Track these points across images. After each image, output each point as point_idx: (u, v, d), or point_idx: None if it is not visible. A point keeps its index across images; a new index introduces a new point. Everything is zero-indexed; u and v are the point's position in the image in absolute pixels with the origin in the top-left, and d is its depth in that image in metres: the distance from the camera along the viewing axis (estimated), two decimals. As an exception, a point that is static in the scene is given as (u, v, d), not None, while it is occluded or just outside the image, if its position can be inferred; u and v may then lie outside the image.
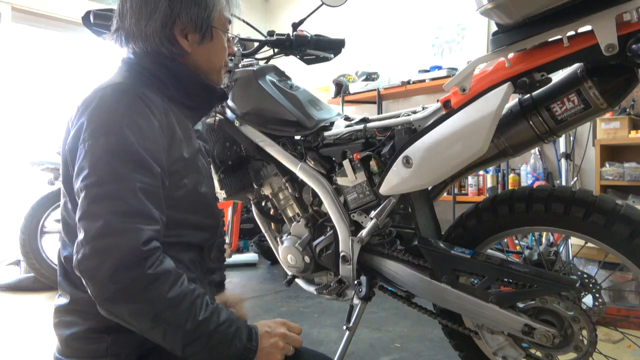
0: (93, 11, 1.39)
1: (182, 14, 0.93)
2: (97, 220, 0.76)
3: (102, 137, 0.81)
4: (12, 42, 3.82)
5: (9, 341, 2.25)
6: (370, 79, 3.78)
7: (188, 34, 0.96)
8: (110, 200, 0.78)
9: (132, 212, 0.78)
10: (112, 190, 0.78)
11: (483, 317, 1.14)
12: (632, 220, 1.03)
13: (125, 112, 0.83)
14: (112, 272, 0.74)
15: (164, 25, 0.93)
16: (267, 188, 1.63)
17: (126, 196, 0.78)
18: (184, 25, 0.95)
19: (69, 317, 0.90)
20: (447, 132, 1.10)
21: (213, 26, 0.98)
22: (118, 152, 0.80)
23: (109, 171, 0.79)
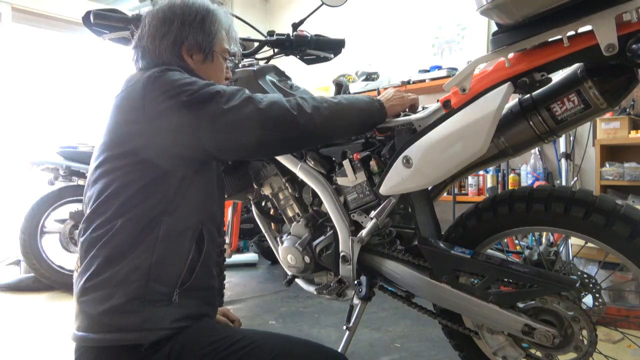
0: (93, 11, 1.40)
1: (189, 37, 1.14)
2: (236, 97, 1.03)
3: (195, 83, 1.02)
4: (12, 42, 3.82)
5: (9, 341, 2.25)
6: (370, 79, 3.77)
7: (193, 54, 1.16)
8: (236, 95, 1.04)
9: (255, 99, 1.05)
10: (231, 92, 1.04)
11: (483, 317, 1.14)
12: (632, 220, 1.03)
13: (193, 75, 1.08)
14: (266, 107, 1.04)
15: (174, 44, 1.13)
16: (267, 188, 1.63)
17: (242, 93, 1.05)
18: (191, 47, 1.15)
19: (105, 291, 0.95)
20: (447, 132, 1.10)
21: (214, 51, 1.18)
22: (216, 86, 1.05)
23: (219, 88, 1.04)
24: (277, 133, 1.05)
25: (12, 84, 3.79)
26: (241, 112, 1.00)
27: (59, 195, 3.13)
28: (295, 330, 2.30)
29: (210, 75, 1.18)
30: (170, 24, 1.13)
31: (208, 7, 1.19)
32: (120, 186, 1.00)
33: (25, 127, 3.90)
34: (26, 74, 3.97)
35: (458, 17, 3.55)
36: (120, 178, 1.00)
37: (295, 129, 1.07)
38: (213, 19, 1.18)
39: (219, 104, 0.99)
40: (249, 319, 2.50)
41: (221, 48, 1.21)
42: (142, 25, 1.16)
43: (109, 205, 1.00)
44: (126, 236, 0.97)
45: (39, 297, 2.99)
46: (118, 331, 0.93)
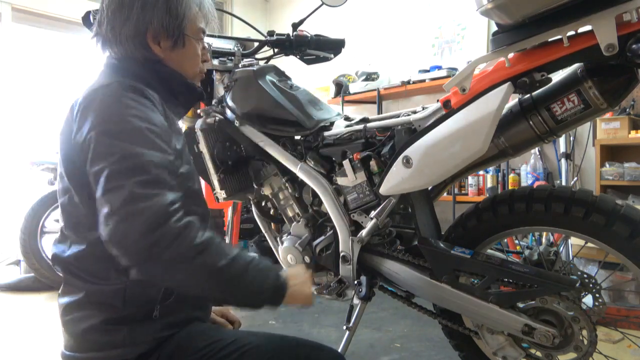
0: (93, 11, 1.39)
1: (154, 21, 0.98)
2: (121, 190, 0.80)
3: (113, 125, 0.86)
4: (12, 42, 3.82)
5: (9, 341, 2.25)
6: (370, 79, 3.77)
7: (160, 40, 1.00)
8: (132, 172, 0.81)
9: (154, 181, 0.82)
10: (131, 164, 0.82)
11: (483, 317, 1.14)
12: (632, 220, 1.03)
13: (130, 102, 0.88)
14: (142, 232, 0.77)
15: (137, 32, 0.98)
16: (267, 188, 1.63)
17: (146, 168, 0.83)
18: (156, 32, 0.99)
19: (84, 312, 0.92)
20: (447, 132, 1.10)
21: (185, 34, 1.02)
22: (129, 134, 0.85)
23: (124, 149, 0.83)
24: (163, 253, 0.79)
25: (12, 84, 3.79)
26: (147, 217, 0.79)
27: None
28: (295, 330, 2.30)
29: (182, 62, 1.05)
30: (130, 8, 0.97)
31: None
32: (78, 205, 0.92)
33: (25, 127, 3.90)
34: (26, 74, 3.97)
35: (458, 17, 3.55)
36: (75, 197, 0.92)
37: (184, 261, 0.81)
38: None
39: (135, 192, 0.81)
40: (248, 319, 2.50)
41: (194, 29, 1.05)
42: (100, 8, 1.02)
43: (76, 225, 0.94)
44: (97, 259, 0.91)
45: (39, 297, 2.99)
46: (102, 349, 0.91)
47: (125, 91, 0.90)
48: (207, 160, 1.57)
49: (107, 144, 0.84)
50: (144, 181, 0.81)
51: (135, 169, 0.82)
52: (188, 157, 1.06)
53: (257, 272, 0.89)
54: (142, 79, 0.98)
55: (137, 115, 0.87)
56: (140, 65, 1.00)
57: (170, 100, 1.04)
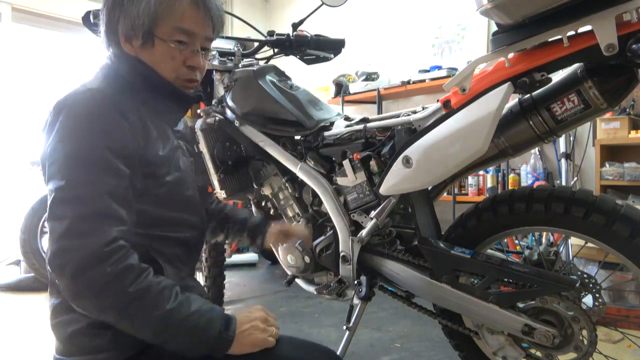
0: (93, 11, 1.39)
1: (121, 21, 0.95)
2: (62, 221, 0.79)
3: (70, 143, 0.84)
4: (12, 42, 3.82)
5: (9, 341, 2.25)
6: (370, 79, 3.77)
7: (132, 39, 0.97)
8: (76, 203, 0.81)
9: (97, 214, 0.81)
10: (78, 194, 0.81)
11: (483, 317, 1.15)
12: (632, 220, 1.03)
13: (93, 118, 0.86)
14: (74, 272, 0.77)
15: (110, 31, 0.97)
16: (267, 188, 1.63)
17: (92, 199, 0.81)
18: (126, 31, 0.96)
19: (69, 315, 0.92)
20: (447, 132, 1.10)
21: (154, 34, 0.95)
22: (85, 157, 0.83)
23: (75, 175, 0.82)
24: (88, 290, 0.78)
25: (12, 84, 3.79)
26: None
27: (59, 195, 3.12)
28: (295, 330, 2.30)
29: (155, 64, 0.97)
30: (104, 4, 0.97)
31: None
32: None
33: (26, 127, 3.90)
34: (26, 74, 3.97)
35: (458, 17, 3.55)
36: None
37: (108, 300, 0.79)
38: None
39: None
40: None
41: (167, 30, 0.95)
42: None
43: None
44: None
45: (39, 297, 2.99)
46: (88, 353, 0.90)
47: (94, 103, 0.88)
48: (207, 160, 1.57)
49: (60, 165, 0.83)
50: (87, 215, 0.80)
51: (80, 199, 0.81)
52: (178, 163, 1.02)
53: (198, 322, 0.84)
54: (129, 83, 0.97)
55: (99, 133, 0.85)
56: (124, 65, 0.98)
57: (156, 105, 1.00)
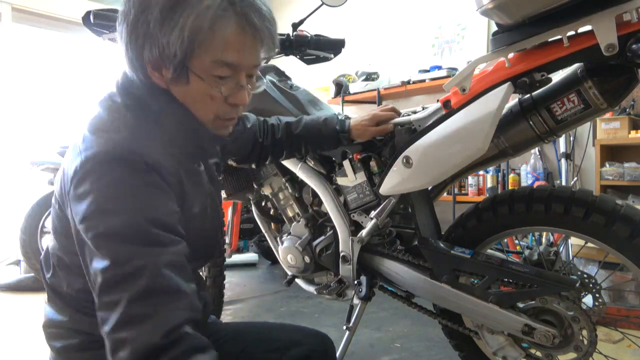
0: (93, 11, 1.39)
1: (147, 47, 0.76)
2: (114, 308, 0.66)
3: (109, 215, 0.70)
4: (12, 42, 3.82)
5: (9, 341, 2.25)
6: (370, 79, 3.77)
7: (162, 68, 0.78)
8: (127, 282, 0.67)
9: (154, 292, 0.67)
10: (129, 271, 0.67)
11: (483, 317, 1.14)
12: (632, 220, 1.03)
13: (132, 187, 0.72)
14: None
15: (134, 57, 0.78)
16: (267, 188, 1.63)
17: (146, 274, 0.67)
18: (154, 59, 0.77)
19: (61, 330, 0.89)
20: (447, 132, 1.10)
21: (189, 69, 0.77)
22: (129, 232, 0.69)
23: (122, 251, 0.68)
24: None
25: (12, 84, 3.79)
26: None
27: (59, 195, 3.13)
28: (295, 330, 2.29)
29: (189, 103, 0.81)
30: (124, 22, 0.77)
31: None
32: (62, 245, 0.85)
33: (25, 127, 3.90)
34: (26, 74, 3.97)
35: (458, 17, 3.55)
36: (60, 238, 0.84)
37: None
38: (181, 11, 0.73)
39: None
40: (249, 319, 2.50)
41: (205, 62, 0.76)
42: None
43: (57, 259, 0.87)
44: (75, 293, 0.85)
45: (39, 297, 2.99)
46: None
47: (129, 166, 0.72)
48: (207, 160, 1.57)
49: (100, 242, 0.69)
50: (142, 295, 0.66)
51: (132, 276, 0.67)
52: (208, 209, 0.91)
53: None
54: (157, 122, 0.81)
55: (141, 204, 0.71)
56: (155, 101, 0.81)
57: (188, 147, 0.86)
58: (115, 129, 0.77)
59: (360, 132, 1.28)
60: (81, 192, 0.71)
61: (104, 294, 0.67)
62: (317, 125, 1.29)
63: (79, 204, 0.72)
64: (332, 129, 1.28)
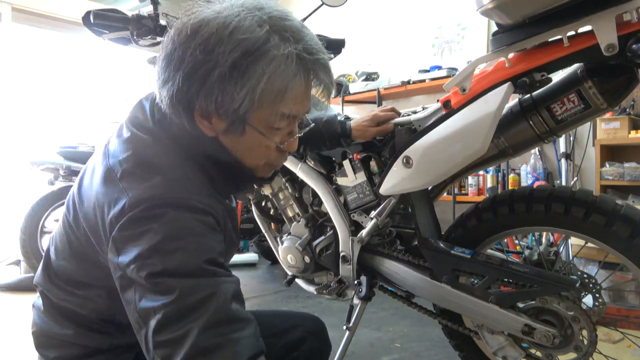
0: (93, 11, 1.39)
1: (201, 96, 0.72)
2: (181, 341, 0.62)
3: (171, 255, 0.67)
4: (12, 42, 3.82)
5: (9, 341, 2.25)
6: (370, 79, 3.77)
7: (212, 117, 0.76)
8: (196, 312, 0.64)
9: (226, 321, 0.65)
10: (197, 302, 0.64)
11: (483, 317, 1.14)
12: (632, 220, 1.03)
13: (190, 225, 0.70)
14: None
15: (180, 99, 0.74)
16: (267, 188, 1.63)
17: (215, 303, 0.65)
18: (206, 108, 0.74)
19: (62, 343, 0.88)
20: (447, 132, 1.10)
21: (248, 124, 0.75)
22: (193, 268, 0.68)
23: (188, 285, 0.66)
24: None
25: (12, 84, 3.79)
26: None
27: (59, 195, 3.13)
28: (295, 330, 2.29)
29: (239, 151, 0.80)
30: (176, 68, 0.72)
31: (253, 43, 0.70)
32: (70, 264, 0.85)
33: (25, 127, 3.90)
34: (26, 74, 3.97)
35: (458, 17, 3.55)
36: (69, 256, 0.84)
37: None
38: (253, 71, 0.70)
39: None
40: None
41: (267, 115, 0.75)
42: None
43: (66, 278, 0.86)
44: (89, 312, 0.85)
45: (39, 297, 2.99)
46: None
47: (187, 211, 0.70)
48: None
49: (160, 281, 0.66)
50: (214, 321, 0.64)
51: (201, 305, 0.64)
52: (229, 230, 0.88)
53: None
54: (205, 167, 0.80)
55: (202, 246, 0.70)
56: (195, 140, 0.79)
57: (229, 188, 0.87)
58: (161, 169, 0.74)
59: (361, 132, 1.28)
60: (132, 233, 0.68)
61: (165, 330, 0.64)
62: (318, 127, 1.29)
63: (128, 244, 0.68)
64: (333, 131, 1.28)
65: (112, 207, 0.70)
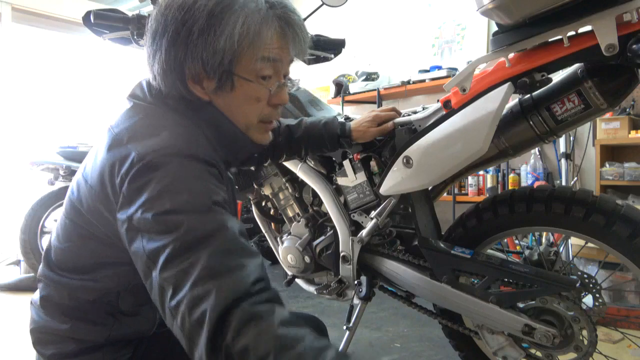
0: (93, 11, 1.39)
1: (188, 59, 0.77)
2: (190, 269, 0.63)
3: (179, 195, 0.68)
4: (12, 42, 3.82)
5: (9, 341, 2.25)
6: (370, 79, 3.77)
7: (203, 80, 0.80)
8: (205, 243, 0.65)
9: (235, 250, 0.66)
10: (204, 234, 0.65)
11: (483, 317, 1.14)
12: (632, 220, 1.03)
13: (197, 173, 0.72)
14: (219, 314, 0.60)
15: (170, 70, 0.79)
16: (267, 188, 1.63)
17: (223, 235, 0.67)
18: (195, 72, 0.79)
19: (60, 339, 0.88)
20: (448, 132, 1.10)
21: (235, 74, 0.79)
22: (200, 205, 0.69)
23: (196, 220, 0.67)
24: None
25: (12, 84, 3.79)
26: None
27: (58, 195, 3.13)
28: (295, 330, 2.29)
29: (233, 110, 0.83)
30: (161, 37, 0.78)
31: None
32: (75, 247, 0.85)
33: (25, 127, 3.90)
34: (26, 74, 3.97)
35: (458, 17, 3.55)
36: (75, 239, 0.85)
37: None
38: (228, 17, 0.76)
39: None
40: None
41: (250, 64, 0.80)
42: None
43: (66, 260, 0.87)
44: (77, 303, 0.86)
45: (39, 297, 2.99)
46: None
47: (193, 160, 0.73)
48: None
49: (168, 218, 0.66)
50: (223, 250, 0.65)
51: (210, 237, 0.65)
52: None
53: None
54: (195, 124, 0.82)
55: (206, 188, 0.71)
56: (191, 106, 0.83)
57: (224, 153, 0.88)
58: (167, 126, 0.77)
59: (362, 133, 1.28)
60: (140, 183, 0.70)
61: (175, 260, 0.64)
62: (318, 129, 1.28)
63: (137, 195, 0.70)
64: (333, 133, 1.27)
65: (122, 165, 0.72)
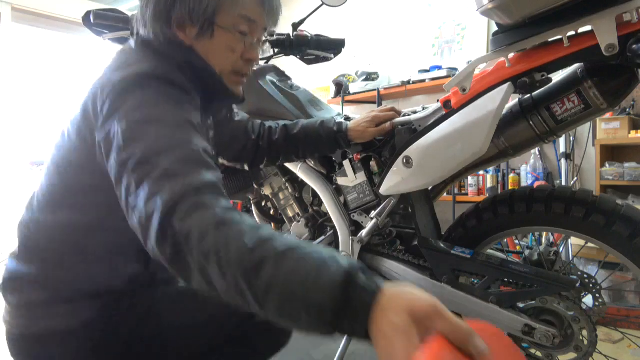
0: (93, 11, 1.39)
1: (177, 6, 0.87)
2: (152, 172, 0.67)
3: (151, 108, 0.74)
4: (12, 42, 3.82)
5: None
6: (370, 79, 3.77)
7: (186, 26, 0.89)
8: (171, 149, 0.70)
9: (195, 160, 0.71)
10: (171, 143, 0.71)
11: (483, 317, 1.14)
12: (632, 220, 1.03)
13: (172, 95, 0.79)
14: (168, 209, 0.64)
15: (159, 15, 0.87)
16: (267, 188, 1.63)
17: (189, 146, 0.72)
18: (181, 17, 0.87)
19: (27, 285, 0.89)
20: (448, 132, 1.10)
21: (215, 24, 0.89)
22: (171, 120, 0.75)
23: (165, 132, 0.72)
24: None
25: (12, 84, 3.79)
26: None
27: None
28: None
29: (210, 56, 0.91)
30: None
31: None
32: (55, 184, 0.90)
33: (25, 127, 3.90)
34: (26, 74, 3.97)
35: (458, 17, 3.55)
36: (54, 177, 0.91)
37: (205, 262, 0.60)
38: None
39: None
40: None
41: (230, 20, 0.90)
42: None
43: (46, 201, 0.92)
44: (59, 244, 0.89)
45: (39, 297, 2.99)
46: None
47: (169, 84, 0.80)
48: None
49: (140, 128, 0.72)
50: (183, 158, 0.69)
51: (176, 145, 0.70)
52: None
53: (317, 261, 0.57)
54: (175, 64, 0.87)
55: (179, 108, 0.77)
56: (178, 54, 0.89)
57: (203, 96, 0.93)
58: (148, 59, 0.84)
59: (360, 133, 1.28)
60: (117, 100, 0.75)
61: (142, 164, 0.68)
62: (315, 127, 1.30)
63: (114, 111, 0.75)
64: (330, 130, 1.29)
65: (104, 89, 0.78)
